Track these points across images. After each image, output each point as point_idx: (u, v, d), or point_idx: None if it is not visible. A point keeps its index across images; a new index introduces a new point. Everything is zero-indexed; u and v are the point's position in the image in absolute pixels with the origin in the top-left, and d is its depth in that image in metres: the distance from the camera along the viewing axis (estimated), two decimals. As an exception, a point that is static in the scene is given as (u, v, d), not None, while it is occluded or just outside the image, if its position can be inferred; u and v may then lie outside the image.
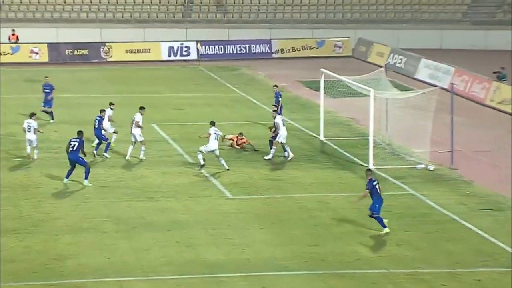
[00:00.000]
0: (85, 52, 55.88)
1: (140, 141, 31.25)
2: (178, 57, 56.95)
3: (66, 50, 55.67)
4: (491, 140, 35.59)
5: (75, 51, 55.81)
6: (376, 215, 23.56)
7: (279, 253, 22.34)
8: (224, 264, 21.57)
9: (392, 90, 34.01)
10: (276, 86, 37.46)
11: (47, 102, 37.15)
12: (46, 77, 38.01)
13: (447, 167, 31.04)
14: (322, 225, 24.67)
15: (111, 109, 33.55)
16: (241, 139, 33.12)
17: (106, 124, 32.59)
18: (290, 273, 20.97)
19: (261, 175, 29.65)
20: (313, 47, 58.55)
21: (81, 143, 27.69)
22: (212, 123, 29.96)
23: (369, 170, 23.91)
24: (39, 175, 29.35)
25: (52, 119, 37.40)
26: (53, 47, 55.47)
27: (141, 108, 32.08)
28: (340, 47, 58.91)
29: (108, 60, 55.87)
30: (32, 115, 31.64)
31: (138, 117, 31.67)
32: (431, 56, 51.13)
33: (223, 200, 26.87)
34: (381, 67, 37.92)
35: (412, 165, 30.99)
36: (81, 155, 27.78)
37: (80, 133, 28.53)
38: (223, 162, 29.75)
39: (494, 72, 44.60)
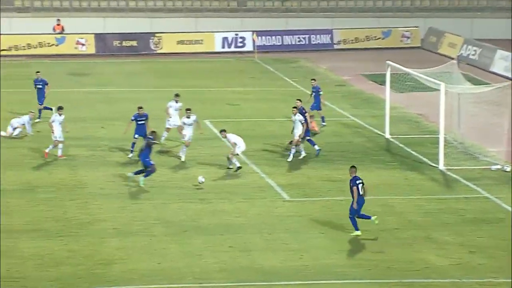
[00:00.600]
0: (134, 43, 56.45)
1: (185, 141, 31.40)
2: (232, 49, 57.15)
3: (114, 41, 56.29)
4: None
5: (123, 42, 56.40)
6: (351, 217, 23.46)
7: (340, 260, 22.31)
8: (280, 271, 21.62)
9: (464, 84, 33.69)
10: (314, 80, 37.10)
11: (40, 99, 37.16)
12: (38, 72, 38.24)
13: (525, 168, 30.64)
14: (387, 230, 24.57)
15: (176, 101, 33.50)
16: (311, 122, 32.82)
17: (174, 118, 32.82)
18: (352, 282, 20.94)
19: (320, 175, 29.64)
20: (379, 38, 58.25)
21: (150, 144, 27.81)
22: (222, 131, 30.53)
23: (353, 167, 23.83)
24: (85, 174, 29.77)
25: (39, 118, 36.46)
26: (100, 38, 56.14)
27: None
28: (408, 38, 58.49)
29: (158, 52, 56.34)
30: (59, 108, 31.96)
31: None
32: (508, 47, 50.45)
33: (279, 203, 26.92)
34: (453, 59, 37.63)
35: (487, 166, 30.67)
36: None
37: (152, 133, 28.88)
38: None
39: None
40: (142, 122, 31.38)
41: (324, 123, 36.12)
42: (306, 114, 32.15)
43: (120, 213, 25.93)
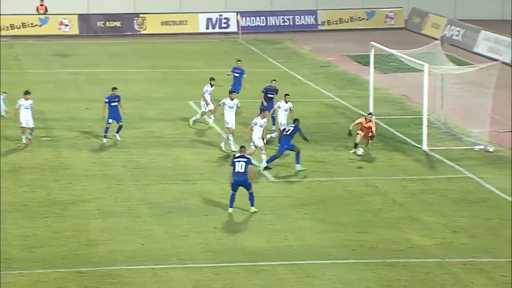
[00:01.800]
0: (118, 24, 56.16)
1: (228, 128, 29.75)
2: (216, 30, 56.98)
3: (98, 22, 55.99)
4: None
5: (107, 23, 56.11)
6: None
7: (325, 241, 22.34)
8: (265, 251, 21.63)
9: (448, 65, 33.68)
10: (239, 61, 36.04)
11: None
12: None
13: (508, 148, 30.71)
14: (371, 210, 24.61)
15: (211, 85, 32.83)
16: (369, 121, 29.21)
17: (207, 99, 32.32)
18: (336, 262, 20.97)
19: (305, 156, 29.60)
20: (363, 18, 58.18)
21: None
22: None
23: (242, 147, 24.42)
24: (69, 156, 29.63)
25: None
26: (84, 19, 55.83)
27: (286, 95, 30.65)
28: (391, 18, 58.44)
29: (142, 32, 56.08)
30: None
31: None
32: (492, 27, 50.49)
33: (264, 183, 26.90)
34: (436, 39, 37.59)
35: (470, 146, 30.73)
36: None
37: (296, 121, 27.98)
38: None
39: (561, 45, 43.95)
40: (115, 103, 30.99)
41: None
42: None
43: (104, 194, 25.85)
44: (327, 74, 44.21)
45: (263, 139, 28.09)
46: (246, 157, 24.00)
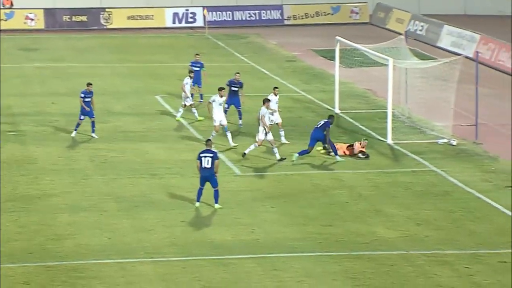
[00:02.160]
0: (84, 18, 55.81)
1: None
2: (183, 24, 56.82)
3: (64, 16, 55.60)
4: (519, 113, 35.45)
5: (73, 17, 55.73)
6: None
7: (291, 234, 22.40)
8: (232, 245, 21.64)
9: (412, 59, 33.87)
10: (198, 54, 36.13)
11: None
12: None
13: (471, 141, 30.98)
14: (337, 204, 24.71)
15: (191, 77, 32.98)
16: (364, 146, 29.01)
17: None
18: (302, 255, 21.04)
19: (271, 150, 29.61)
20: (328, 13, 58.32)
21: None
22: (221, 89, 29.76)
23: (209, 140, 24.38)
24: (35, 150, 29.43)
25: None
26: (50, 13, 55.41)
27: (275, 88, 30.51)
28: (356, 13, 58.64)
29: (108, 27, 55.78)
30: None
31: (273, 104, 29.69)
32: (455, 22, 50.86)
33: (231, 177, 26.90)
34: (400, 34, 37.75)
35: (434, 140, 30.94)
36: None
37: (331, 117, 28.25)
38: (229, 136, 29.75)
39: (523, 40, 44.37)
40: (89, 99, 30.83)
41: (201, 100, 35.82)
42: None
43: (71, 188, 25.71)
44: (293, 68, 44.27)
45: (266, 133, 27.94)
46: (212, 152, 23.98)
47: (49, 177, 26.63)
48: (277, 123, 29.99)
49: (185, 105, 33.05)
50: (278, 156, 28.11)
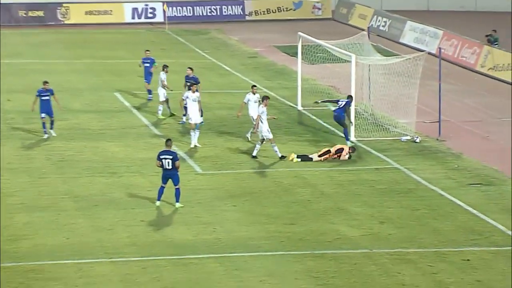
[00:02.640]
0: (40, 13, 55.34)
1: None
2: (142, 20, 56.58)
3: (19, 12, 55.09)
4: (482, 109, 35.81)
5: (29, 12, 55.24)
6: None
7: (253, 233, 22.40)
8: (193, 244, 21.60)
9: (375, 56, 34.03)
10: (148, 50, 36.36)
11: None
12: None
13: (434, 138, 31.21)
14: (300, 202, 24.75)
15: (166, 71, 33.15)
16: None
17: (160, 90, 32.53)
18: (264, 254, 21.04)
19: (232, 148, 29.63)
20: (290, 9, 58.40)
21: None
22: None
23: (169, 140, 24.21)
24: (-9, 149, 29.14)
25: None
26: (5, 8, 54.84)
27: (253, 86, 30.84)
28: (319, 9, 58.80)
29: (65, 22, 55.38)
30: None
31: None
32: (418, 18, 51.20)
33: (192, 176, 26.85)
34: (363, 30, 37.90)
35: (397, 137, 31.12)
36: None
37: (350, 97, 29.84)
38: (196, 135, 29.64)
39: (486, 36, 44.77)
40: (47, 97, 30.57)
41: (150, 96, 35.79)
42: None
43: (28, 187, 25.49)
44: (255, 64, 44.28)
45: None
46: (171, 153, 23.84)
47: (5, 176, 26.37)
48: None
49: (163, 101, 33.02)
50: (279, 154, 28.20)
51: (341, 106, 30.06)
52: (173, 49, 48.08)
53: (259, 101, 30.12)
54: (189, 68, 32.97)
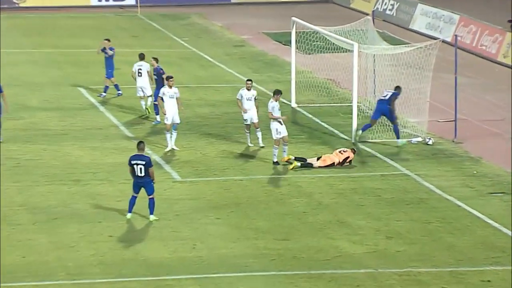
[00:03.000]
0: (-8, -5, 55.30)
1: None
2: (110, 3, 56.62)
3: (-32, -7, 55.05)
4: (504, 106, 35.94)
5: (-20, -6, 55.21)
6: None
7: (240, 250, 22.47)
8: (170, 263, 21.66)
9: (381, 44, 34.17)
10: (108, 40, 36.49)
11: None
12: None
13: (449, 140, 31.34)
14: (294, 214, 24.83)
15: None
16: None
17: (143, 82, 32.82)
18: (253, 274, 21.12)
19: (216, 151, 29.71)
20: (283, -10, 58.52)
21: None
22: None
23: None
24: None
25: None
26: (-49, -11, 54.81)
27: (248, 81, 30.79)
28: (316, -10, 58.94)
29: (21, 5, 55.36)
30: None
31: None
32: (430, 1, 51.39)
33: (169, 183, 26.91)
34: (367, 15, 38.03)
35: (407, 139, 31.23)
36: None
37: (398, 88, 30.35)
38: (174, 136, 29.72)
39: (509, 21, 44.97)
40: None
41: (120, 92, 35.86)
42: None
43: (-23, 198, 25.51)
44: (242, 54, 44.39)
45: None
46: (144, 158, 23.84)
47: (-50, 185, 26.39)
48: (253, 122, 29.86)
49: (143, 96, 33.23)
50: (274, 159, 28.30)
51: (386, 97, 30.35)
52: (147, 37, 48.13)
53: (254, 98, 30.11)
54: (153, 58, 32.89)
